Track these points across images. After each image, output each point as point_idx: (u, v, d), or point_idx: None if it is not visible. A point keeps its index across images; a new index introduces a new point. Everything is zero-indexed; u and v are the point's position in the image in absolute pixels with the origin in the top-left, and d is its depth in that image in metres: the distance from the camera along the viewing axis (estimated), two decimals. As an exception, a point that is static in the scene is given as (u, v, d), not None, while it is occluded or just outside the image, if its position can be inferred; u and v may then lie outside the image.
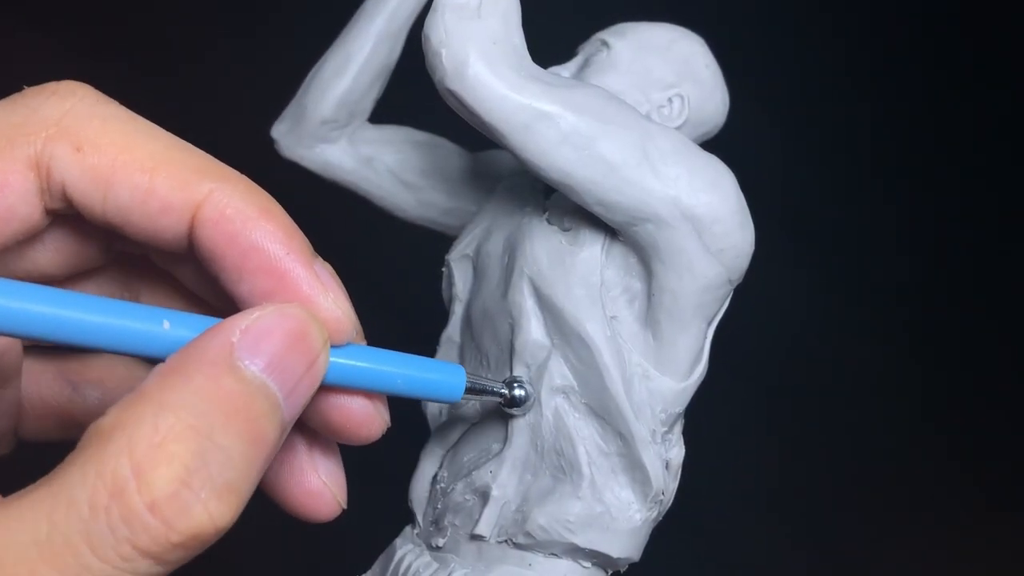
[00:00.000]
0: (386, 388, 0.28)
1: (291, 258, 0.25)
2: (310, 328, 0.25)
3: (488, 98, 0.31)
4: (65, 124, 0.25)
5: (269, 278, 0.25)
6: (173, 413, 0.22)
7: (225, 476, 0.22)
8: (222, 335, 0.23)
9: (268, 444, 0.23)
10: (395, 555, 0.36)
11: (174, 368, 0.23)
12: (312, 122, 0.40)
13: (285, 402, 0.24)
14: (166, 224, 0.25)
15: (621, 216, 0.32)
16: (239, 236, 0.25)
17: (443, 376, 0.30)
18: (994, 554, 0.73)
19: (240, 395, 0.23)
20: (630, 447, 0.33)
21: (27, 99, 0.25)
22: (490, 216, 0.37)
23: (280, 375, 0.24)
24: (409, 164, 0.42)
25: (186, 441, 0.22)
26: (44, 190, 0.25)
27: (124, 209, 0.25)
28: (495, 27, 0.31)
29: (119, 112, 0.26)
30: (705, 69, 0.38)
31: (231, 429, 0.22)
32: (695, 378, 0.34)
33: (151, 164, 0.25)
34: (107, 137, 0.25)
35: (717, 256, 0.32)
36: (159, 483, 0.21)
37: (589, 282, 0.33)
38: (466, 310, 0.37)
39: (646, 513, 0.34)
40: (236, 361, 0.23)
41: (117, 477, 0.21)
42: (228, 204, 0.25)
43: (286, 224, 0.26)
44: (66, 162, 0.25)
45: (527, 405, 0.34)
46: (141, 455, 0.21)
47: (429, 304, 0.40)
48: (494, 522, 0.34)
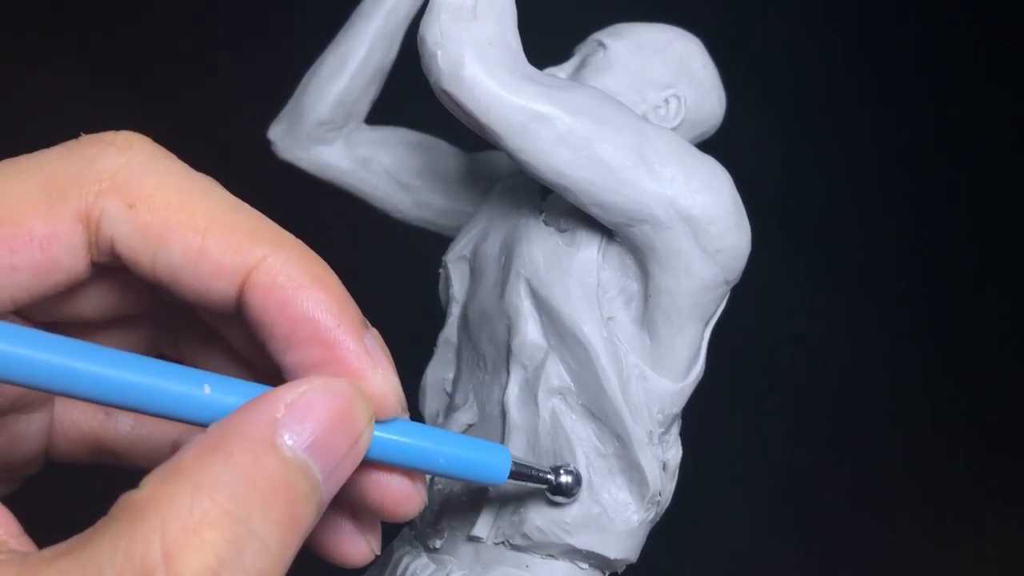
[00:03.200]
0: (428, 467, 0.27)
1: (342, 330, 0.25)
2: (357, 406, 0.24)
3: (484, 99, 0.31)
4: (121, 179, 0.24)
5: (319, 349, 0.25)
6: (209, 496, 0.21)
7: (258, 565, 0.21)
8: (266, 410, 0.23)
9: (304, 526, 0.23)
10: (393, 556, 0.36)
11: (214, 443, 0.22)
12: (309, 123, 0.40)
13: (325, 483, 0.23)
14: (216, 287, 0.25)
15: (617, 217, 0.32)
16: (290, 305, 0.24)
17: (487, 457, 0.29)
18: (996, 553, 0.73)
19: (281, 477, 0.22)
20: (627, 448, 0.33)
21: (83, 149, 0.25)
22: (487, 217, 0.37)
23: (323, 454, 0.23)
24: (406, 165, 0.42)
25: (221, 528, 0.21)
26: (92, 244, 0.25)
27: (174, 268, 0.25)
28: (491, 28, 0.31)
29: (175, 168, 0.25)
30: (702, 69, 0.38)
31: (269, 515, 0.22)
32: (692, 379, 0.34)
33: (204, 225, 0.24)
34: (161, 195, 0.24)
35: (713, 257, 0.32)
36: (189, 571, 0.20)
37: (586, 283, 0.33)
38: (463, 311, 0.37)
39: (643, 514, 0.34)
40: (279, 439, 0.22)
41: (147, 560, 0.20)
42: (281, 271, 0.25)
43: (339, 294, 0.25)
44: (118, 218, 0.24)
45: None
46: (172, 539, 0.21)
47: (426, 305, 0.40)
48: (491, 523, 0.34)
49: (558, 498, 0.33)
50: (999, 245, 0.82)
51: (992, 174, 0.83)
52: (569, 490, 0.32)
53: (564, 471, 0.32)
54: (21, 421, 0.29)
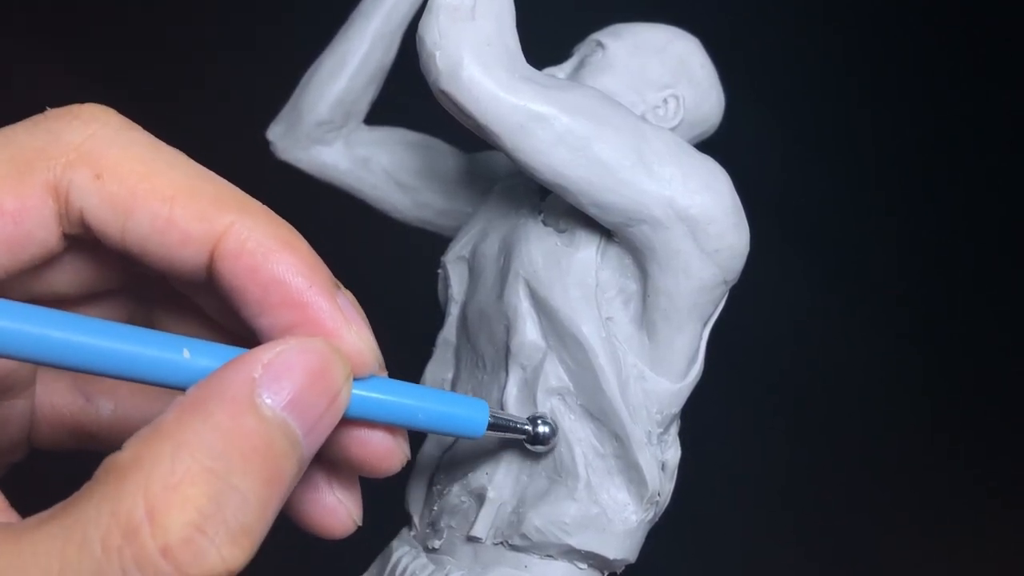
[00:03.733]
0: (407, 422, 0.27)
1: (313, 291, 0.25)
2: (333, 363, 0.24)
3: (482, 99, 0.31)
4: (86, 150, 0.25)
5: (291, 311, 0.25)
6: (190, 453, 0.22)
7: (240, 519, 0.22)
8: (244, 370, 0.23)
9: (285, 483, 0.23)
10: (392, 557, 0.36)
11: (193, 403, 0.22)
12: (308, 124, 0.40)
13: (305, 439, 0.24)
14: (185, 255, 0.25)
15: (616, 217, 0.32)
16: (260, 269, 0.25)
17: (465, 411, 0.29)
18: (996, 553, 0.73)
19: (260, 434, 0.22)
20: (626, 448, 0.33)
21: (49, 122, 0.25)
22: (486, 217, 0.37)
23: (301, 412, 0.23)
24: (404, 165, 0.42)
25: (202, 484, 0.21)
26: (62, 215, 0.25)
27: (143, 238, 0.25)
28: (489, 28, 0.31)
29: (141, 138, 0.25)
30: (700, 69, 0.38)
31: (249, 471, 0.22)
32: (691, 379, 0.34)
33: (171, 193, 0.25)
34: (128, 165, 0.25)
35: (712, 257, 0.32)
36: (173, 527, 0.21)
37: (584, 283, 0.33)
38: (462, 311, 0.37)
39: (642, 514, 0.33)
40: (257, 398, 0.23)
41: (131, 518, 0.21)
42: (249, 237, 0.25)
43: (308, 256, 0.25)
44: (85, 189, 0.25)
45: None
46: (156, 497, 0.21)
47: (425, 305, 0.40)
48: (490, 524, 0.34)
49: (537, 447, 0.33)
50: (999, 245, 0.82)
51: (992, 174, 0.83)
52: (546, 439, 0.33)
53: (542, 421, 0.33)
54: (2, 407, 0.29)
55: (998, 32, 0.84)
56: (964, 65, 0.85)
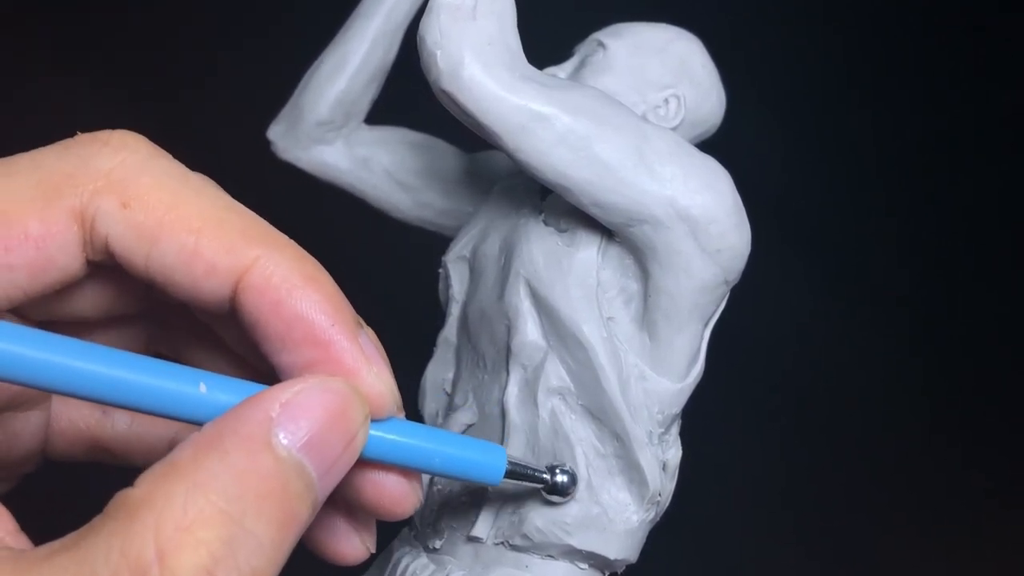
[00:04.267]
0: (423, 466, 0.27)
1: (336, 330, 0.25)
2: (352, 404, 0.24)
3: (483, 99, 0.31)
4: (115, 178, 0.24)
5: (313, 349, 0.25)
6: (204, 495, 0.21)
7: (252, 564, 0.21)
8: (261, 409, 0.23)
9: (299, 525, 0.23)
10: (392, 557, 0.36)
11: (209, 441, 0.22)
12: (308, 123, 0.40)
13: (320, 482, 0.23)
14: (210, 287, 0.25)
15: (617, 217, 0.32)
16: (284, 305, 0.25)
17: (483, 457, 0.29)
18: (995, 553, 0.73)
19: (276, 476, 0.22)
20: (627, 448, 0.33)
21: (78, 148, 0.25)
22: (486, 217, 0.37)
23: (318, 454, 0.23)
24: (405, 165, 0.42)
25: (215, 527, 0.21)
26: (87, 242, 0.25)
27: (168, 268, 0.25)
28: (490, 28, 0.31)
29: (171, 168, 0.25)
30: (701, 69, 0.38)
31: (263, 514, 0.22)
32: (692, 379, 0.34)
33: (198, 224, 0.25)
34: (156, 194, 0.25)
35: (713, 257, 0.32)
36: (183, 570, 0.21)
37: (585, 283, 0.33)
38: (463, 311, 0.37)
39: (643, 514, 0.33)
40: (273, 438, 0.22)
41: (141, 559, 0.20)
42: (275, 272, 0.25)
43: (332, 294, 0.25)
44: (112, 217, 0.24)
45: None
46: (167, 539, 0.21)
47: (426, 305, 0.40)
48: (491, 524, 0.34)
49: (554, 497, 0.33)
50: (999, 246, 0.82)
51: (992, 175, 0.83)
52: (565, 489, 0.32)
53: (560, 471, 0.32)
54: (18, 419, 0.29)
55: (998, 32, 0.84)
56: (964, 65, 0.85)
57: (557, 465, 0.32)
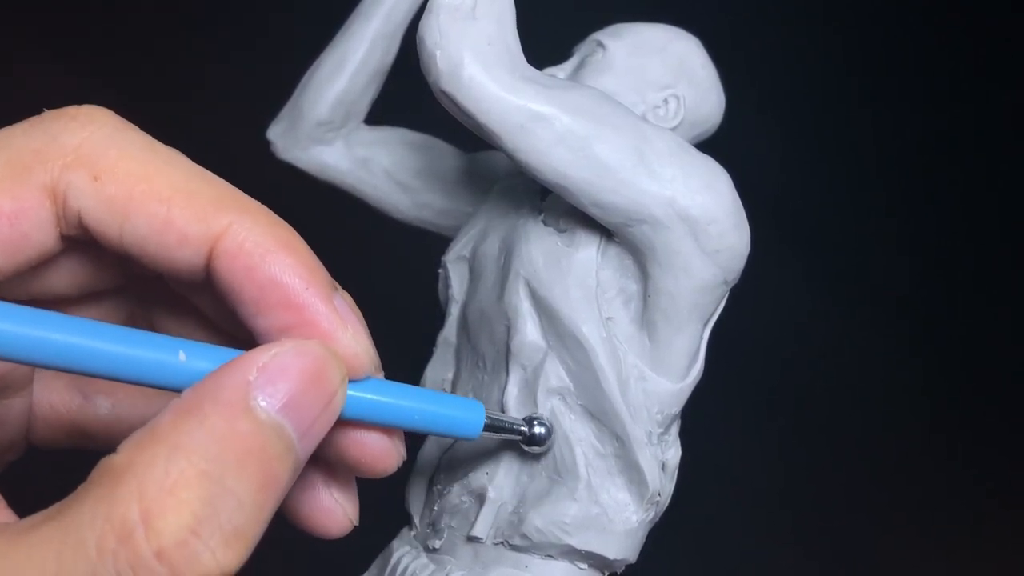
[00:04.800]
0: (403, 423, 0.27)
1: (310, 292, 0.25)
2: (328, 366, 0.24)
3: (483, 99, 0.31)
4: (83, 152, 0.25)
5: (288, 313, 0.25)
6: (185, 456, 0.22)
7: (234, 522, 0.22)
8: (239, 373, 0.23)
9: (280, 486, 0.23)
10: (392, 557, 0.36)
11: (188, 406, 0.22)
12: (308, 123, 0.40)
13: (300, 442, 0.24)
14: (183, 256, 0.25)
15: (617, 217, 0.32)
16: (258, 270, 0.25)
17: (461, 412, 0.29)
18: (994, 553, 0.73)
19: (255, 437, 0.22)
20: (626, 448, 0.33)
21: (46, 124, 0.25)
22: (486, 217, 0.37)
23: (296, 415, 0.23)
24: (405, 165, 0.42)
25: (197, 487, 0.21)
26: (60, 217, 0.25)
27: (141, 239, 0.25)
28: (490, 28, 0.31)
29: (139, 139, 0.25)
30: (701, 69, 0.38)
31: (243, 474, 0.22)
32: (691, 379, 0.34)
33: (169, 194, 0.25)
34: (125, 166, 0.25)
35: (713, 257, 0.32)
36: (167, 530, 0.21)
37: (585, 283, 0.33)
38: (462, 312, 0.37)
39: (642, 514, 0.34)
40: (252, 401, 0.23)
41: (126, 521, 0.21)
42: (247, 237, 0.25)
43: (306, 258, 0.25)
44: (83, 191, 0.24)
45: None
46: (151, 500, 0.21)
47: (425, 305, 0.40)
48: (490, 524, 0.34)
49: (533, 448, 0.33)
50: (999, 246, 0.82)
51: (992, 174, 0.83)
52: (542, 440, 0.33)
53: (537, 423, 0.33)
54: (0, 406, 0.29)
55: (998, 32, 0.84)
56: (964, 65, 0.85)
57: (535, 417, 0.33)
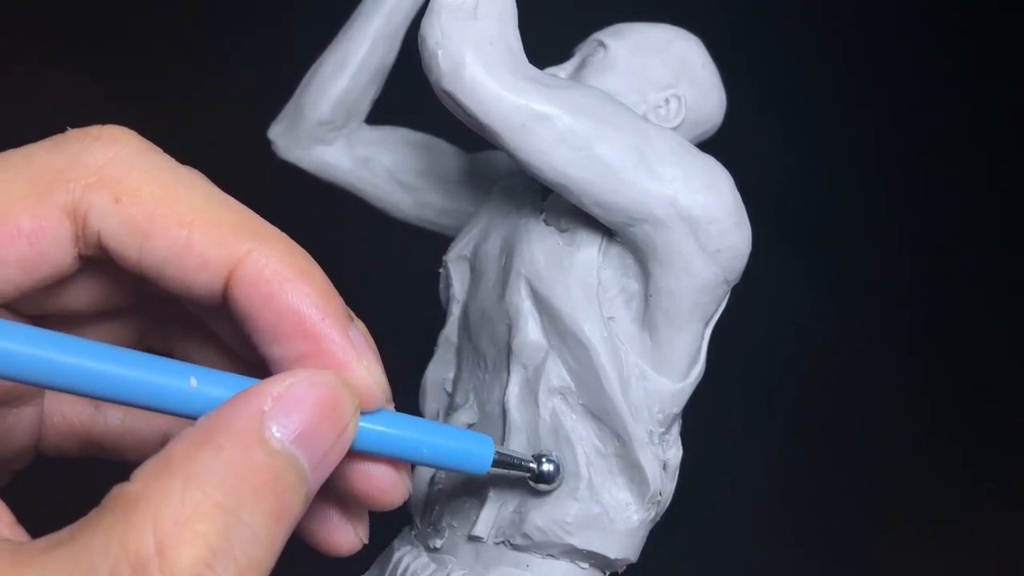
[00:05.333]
0: (412, 456, 0.27)
1: (327, 323, 0.25)
2: (342, 397, 0.24)
3: (484, 99, 0.31)
4: (106, 173, 0.25)
5: (303, 342, 0.25)
6: (200, 488, 0.21)
7: (249, 555, 0.22)
8: (253, 403, 0.23)
9: (292, 517, 0.23)
10: (393, 556, 0.36)
11: (203, 436, 0.22)
12: (309, 123, 0.40)
13: (312, 473, 0.24)
14: (202, 280, 0.25)
15: (618, 217, 0.32)
16: (275, 298, 0.25)
17: (470, 447, 0.29)
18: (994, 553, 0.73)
19: (269, 469, 0.22)
20: (627, 448, 0.33)
21: (69, 143, 0.25)
22: (487, 217, 0.37)
23: (310, 446, 0.23)
24: (406, 165, 0.42)
25: (212, 520, 0.21)
26: (79, 237, 0.25)
27: (160, 262, 0.25)
28: (491, 28, 0.31)
29: (161, 162, 0.25)
30: (702, 69, 0.38)
31: (259, 506, 0.22)
32: (692, 379, 0.34)
33: (190, 218, 0.25)
34: (147, 188, 0.25)
35: (714, 257, 0.32)
36: (182, 563, 0.21)
37: (586, 283, 0.33)
38: (463, 311, 0.37)
39: (643, 514, 0.34)
40: (267, 432, 0.23)
41: (140, 552, 0.21)
42: (266, 265, 0.25)
43: (323, 287, 0.25)
44: (104, 212, 0.24)
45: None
46: (165, 532, 0.21)
47: (427, 305, 0.40)
48: (491, 523, 0.34)
49: (541, 486, 0.33)
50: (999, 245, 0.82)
51: (992, 174, 0.83)
52: (551, 478, 0.33)
53: (546, 460, 0.33)
54: (11, 415, 0.29)
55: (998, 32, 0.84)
56: (964, 65, 0.85)
57: (543, 454, 0.33)
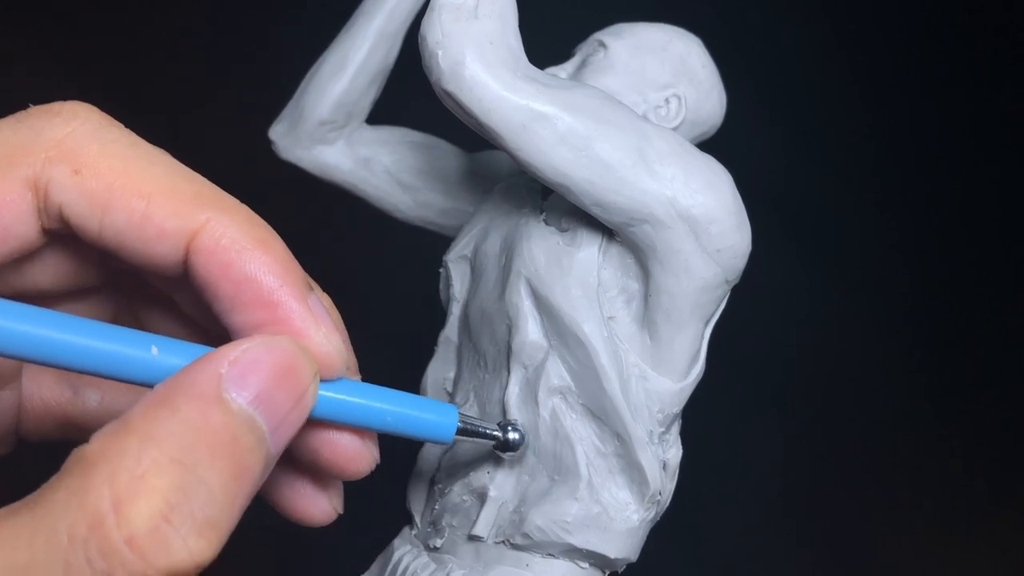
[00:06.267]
0: (375, 425, 0.28)
1: (285, 291, 0.25)
2: (299, 361, 0.25)
3: (484, 99, 0.31)
4: (66, 146, 0.25)
5: (262, 310, 0.25)
6: (157, 446, 0.22)
7: (206, 512, 0.22)
8: (210, 366, 0.23)
9: (252, 478, 0.23)
10: (393, 556, 0.36)
11: (161, 398, 0.23)
12: (310, 123, 0.41)
13: (271, 436, 0.24)
14: (161, 250, 0.25)
15: (618, 217, 0.32)
16: (233, 266, 0.25)
17: (435, 415, 0.30)
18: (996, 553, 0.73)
19: (226, 429, 0.23)
20: (627, 448, 0.33)
21: (31, 119, 0.25)
22: (487, 217, 0.37)
23: (267, 409, 0.24)
24: (406, 165, 0.42)
25: (168, 475, 0.22)
26: (41, 210, 0.25)
27: (120, 233, 0.25)
28: (492, 28, 0.31)
29: (121, 136, 0.26)
30: (702, 69, 0.38)
31: (216, 464, 0.22)
32: (692, 378, 0.34)
33: (148, 190, 0.25)
34: (106, 161, 0.25)
35: (714, 256, 0.32)
36: (138, 517, 0.21)
37: (586, 283, 0.33)
38: (464, 311, 0.37)
39: (643, 513, 0.34)
40: (224, 393, 0.23)
41: (97, 509, 0.21)
42: (224, 234, 0.25)
43: (282, 256, 0.26)
44: (64, 184, 0.25)
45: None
46: (122, 488, 0.21)
47: (427, 305, 0.40)
48: (491, 523, 0.34)
49: (507, 454, 0.33)
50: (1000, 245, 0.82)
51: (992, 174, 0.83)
52: (516, 445, 0.33)
53: (511, 428, 0.33)
54: None
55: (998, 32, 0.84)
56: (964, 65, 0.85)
57: (509, 422, 0.33)
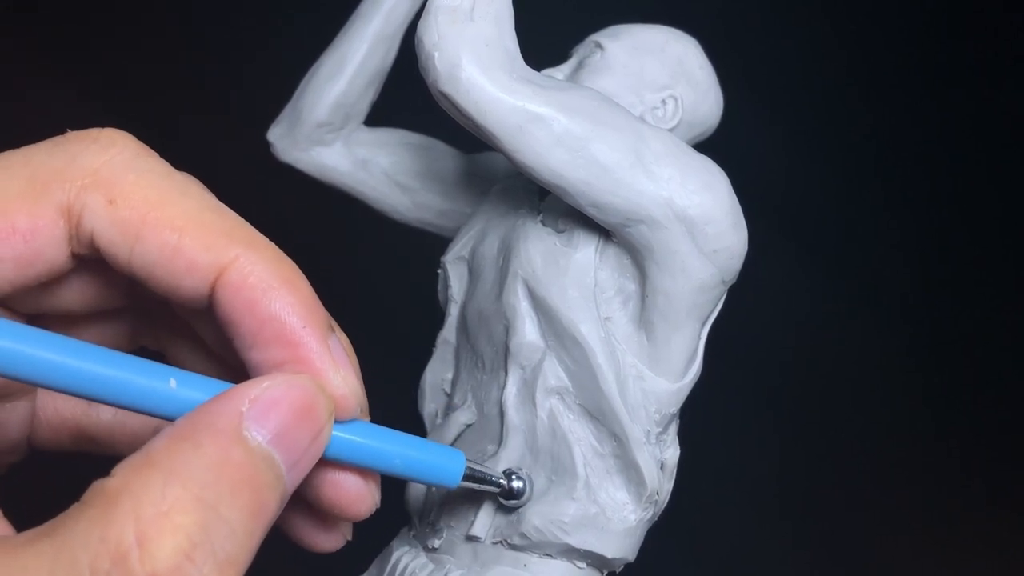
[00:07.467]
0: (383, 467, 0.28)
1: (307, 331, 0.26)
2: (317, 401, 0.25)
3: (481, 100, 0.31)
4: (102, 175, 0.25)
5: (283, 348, 0.25)
6: (180, 483, 0.22)
7: (227, 549, 0.22)
8: (232, 403, 0.24)
9: (269, 515, 0.24)
10: (391, 556, 0.36)
11: (183, 433, 0.23)
12: (308, 125, 0.41)
13: (288, 473, 0.24)
14: (189, 283, 0.26)
15: (615, 218, 0.32)
16: (259, 304, 0.25)
17: (442, 461, 0.30)
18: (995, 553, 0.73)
19: (247, 467, 0.23)
20: (625, 448, 0.33)
21: (68, 145, 0.26)
22: (485, 218, 0.37)
23: (286, 447, 0.24)
24: (404, 166, 0.42)
25: (192, 513, 0.22)
26: (73, 236, 0.26)
27: (150, 264, 0.26)
28: (488, 29, 0.31)
29: (156, 166, 0.26)
30: (699, 70, 0.38)
31: (236, 502, 0.23)
32: (689, 379, 0.34)
33: (181, 223, 0.25)
34: (141, 192, 0.25)
35: (710, 257, 0.32)
36: (162, 554, 0.21)
37: (583, 283, 0.33)
38: (461, 312, 0.37)
39: (641, 514, 0.34)
40: (245, 431, 0.23)
41: (121, 543, 0.21)
42: (252, 271, 0.25)
43: (307, 297, 0.26)
44: (98, 213, 0.25)
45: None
46: (146, 524, 0.21)
47: (425, 306, 0.40)
48: (489, 523, 0.34)
49: (510, 502, 0.33)
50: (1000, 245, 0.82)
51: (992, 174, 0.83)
52: (519, 494, 0.33)
53: (516, 476, 0.33)
54: (3, 409, 0.29)
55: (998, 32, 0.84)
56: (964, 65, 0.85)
57: (513, 471, 0.33)
